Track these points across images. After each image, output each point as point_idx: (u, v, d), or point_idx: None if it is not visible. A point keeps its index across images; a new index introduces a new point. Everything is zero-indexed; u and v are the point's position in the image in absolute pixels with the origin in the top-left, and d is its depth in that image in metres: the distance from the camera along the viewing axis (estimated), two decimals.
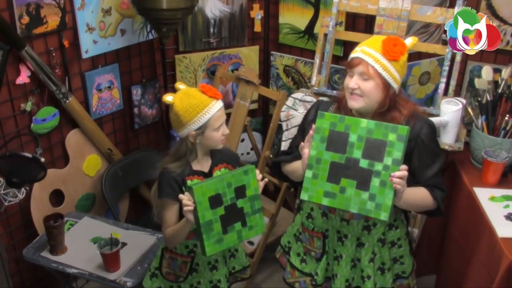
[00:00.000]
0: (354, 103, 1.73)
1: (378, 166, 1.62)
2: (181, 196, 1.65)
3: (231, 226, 1.70)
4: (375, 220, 1.82)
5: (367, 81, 1.70)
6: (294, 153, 1.93)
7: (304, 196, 1.72)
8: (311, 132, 1.71)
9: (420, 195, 1.77)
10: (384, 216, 1.62)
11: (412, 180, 1.75)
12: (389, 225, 1.88)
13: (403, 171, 1.60)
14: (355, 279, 1.91)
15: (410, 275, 1.96)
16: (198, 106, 1.73)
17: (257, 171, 1.76)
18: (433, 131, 1.81)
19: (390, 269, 1.90)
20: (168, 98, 1.75)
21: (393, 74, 1.70)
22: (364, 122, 1.64)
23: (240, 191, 1.71)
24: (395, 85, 1.72)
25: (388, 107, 1.74)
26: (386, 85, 1.71)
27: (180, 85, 1.81)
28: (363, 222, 1.83)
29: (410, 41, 1.76)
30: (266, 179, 1.79)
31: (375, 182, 1.63)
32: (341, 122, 1.67)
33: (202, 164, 1.86)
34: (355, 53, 1.73)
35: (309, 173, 1.71)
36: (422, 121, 1.79)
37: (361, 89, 1.70)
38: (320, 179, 1.69)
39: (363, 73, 1.69)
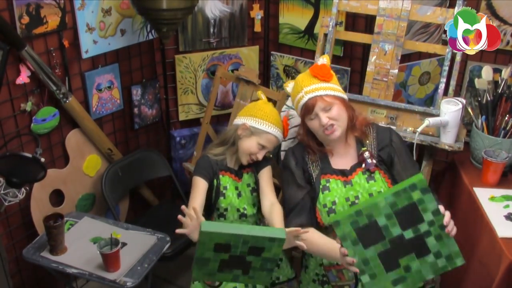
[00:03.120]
0: (335, 134, 1.79)
1: (424, 227, 1.55)
2: (183, 219, 1.59)
3: (230, 270, 1.57)
4: None
5: (331, 109, 1.77)
6: (298, 206, 1.84)
7: None
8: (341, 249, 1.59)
9: None
10: (460, 261, 1.58)
11: (398, 181, 1.80)
12: None
13: (447, 215, 1.57)
14: None
15: None
16: (271, 117, 1.96)
17: (298, 238, 1.62)
18: (397, 133, 1.93)
19: None
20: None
21: (339, 89, 1.84)
22: (382, 201, 1.54)
23: (256, 250, 1.52)
24: (346, 96, 1.86)
25: (354, 118, 1.85)
26: (344, 101, 1.83)
27: (262, 95, 2.10)
28: None
29: (323, 60, 1.88)
30: (303, 245, 1.63)
31: (431, 240, 1.57)
32: (360, 216, 1.55)
33: (236, 165, 2.01)
34: (303, 99, 1.81)
35: (365, 278, 1.59)
36: (383, 128, 1.92)
37: (332, 119, 1.77)
38: (379, 275, 1.58)
39: (325, 107, 1.77)
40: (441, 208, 1.57)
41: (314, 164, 1.87)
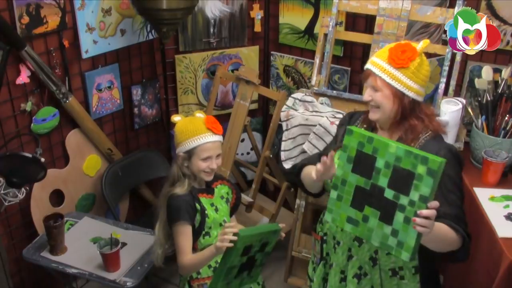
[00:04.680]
0: (372, 115, 1.70)
1: (404, 200, 1.45)
2: (227, 226, 1.68)
3: (241, 274, 1.77)
4: None
5: (377, 92, 1.65)
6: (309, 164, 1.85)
7: (328, 217, 1.62)
8: (332, 152, 1.61)
9: (443, 230, 1.55)
10: (405, 256, 1.46)
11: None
12: None
13: (431, 209, 1.39)
14: None
15: None
16: (191, 131, 1.87)
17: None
18: (454, 158, 1.66)
19: None
20: (176, 118, 1.94)
21: (403, 81, 1.62)
22: (393, 147, 1.46)
23: (263, 246, 1.76)
24: (411, 93, 1.63)
25: (404, 116, 1.67)
26: (398, 95, 1.63)
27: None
28: None
29: (420, 45, 1.64)
30: (282, 234, 1.81)
31: (399, 217, 1.46)
32: (369, 143, 1.51)
33: (202, 184, 1.97)
34: (366, 65, 1.69)
35: (334, 194, 1.59)
36: (439, 148, 1.64)
37: (374, 100, 1.67)
38: (344, 202, 1.57)
39: (373, 86, 1.66)
40: (433, 203, 1.41)
41: None
